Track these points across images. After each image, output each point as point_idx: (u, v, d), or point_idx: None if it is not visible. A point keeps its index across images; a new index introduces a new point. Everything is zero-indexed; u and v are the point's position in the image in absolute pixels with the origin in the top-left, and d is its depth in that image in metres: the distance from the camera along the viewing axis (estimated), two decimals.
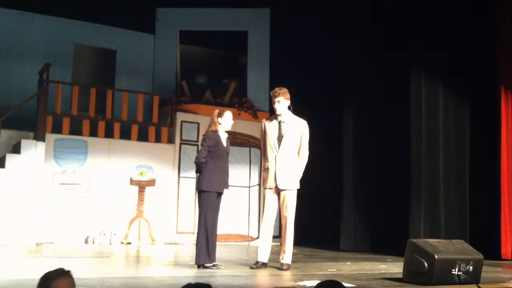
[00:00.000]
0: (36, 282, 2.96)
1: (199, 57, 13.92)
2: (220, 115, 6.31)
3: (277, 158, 6.23)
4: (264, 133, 6.39)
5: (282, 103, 6.29)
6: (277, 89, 6.39)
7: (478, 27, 8.67)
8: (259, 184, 11.56)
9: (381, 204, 9.54)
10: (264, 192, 6.39)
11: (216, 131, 6.26)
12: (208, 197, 6.14)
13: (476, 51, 8.69)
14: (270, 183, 6.24)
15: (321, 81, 11.60)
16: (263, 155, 6.46)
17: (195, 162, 6.24)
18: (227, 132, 6.40)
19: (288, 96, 6.34)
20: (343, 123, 10.13)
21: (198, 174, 6.28)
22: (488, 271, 6.08)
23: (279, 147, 6.24)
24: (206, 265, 6.07)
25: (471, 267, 4.97)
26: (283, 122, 6.30)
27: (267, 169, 6.29)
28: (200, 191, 6.20)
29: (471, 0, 8.73)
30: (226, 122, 6.31)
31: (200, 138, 7.25)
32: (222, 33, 13.02)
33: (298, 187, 6.29)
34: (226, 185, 6.30)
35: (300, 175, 6.32)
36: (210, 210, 6.13)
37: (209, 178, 6.14)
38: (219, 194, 6.25)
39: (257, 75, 12.68)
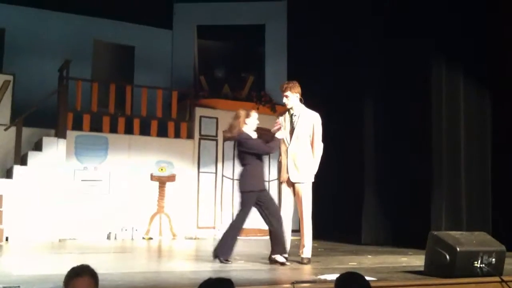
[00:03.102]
0: (60, 277, 3.01)
1: (217, 51, 13.94)
2: (248, 115, 6.19)
3: (288, 151, 6.21)
4: None
5: (290, 97, 6.26)
6: (284, 83, 6.35)
7: (495, 15, 8.55)
8: (278, 178, 11.57)
9: (402, 196, 9.46)
10: (280, 186, 6.39)
11: (243, 133, 6.16)
12: (249, 197, 6.06)
13: (496, 39, 8.57)
14: (284, 176, 6.24)
15: (340, 71, 11.50)
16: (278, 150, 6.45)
17: (268, 150, 6.20)
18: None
19: (297, 89, 6.28)
20: (363, 113, 10.07)
21: (243, 176, 6.15)
22: (511, 263, 6.02)
23: (290, 140, 6.23)
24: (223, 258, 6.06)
25: (493, 259, 4.93)
26: (295, 115, 6.28)
27: (281, 162, 6.29)
28: (242, 192, 6.10)
29: None
30: (252, 123, 6.21)
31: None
32: (239, 27, 13.02)
33: (312, 180, 6.24)
34: None
35: (315, 168, 6.27)
36: (248, 210, 6.07)
37: (258, 178, 6.10)
38: (261, 191, 6.18)
39: (275, 68, 12.67)
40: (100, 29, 12.39)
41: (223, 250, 6.07)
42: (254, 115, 6.25)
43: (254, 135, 6.23)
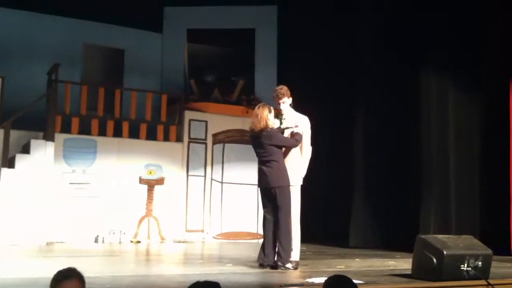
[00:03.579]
0: (48, 281, 3.00)
1: (207, 55, 13.93)
2: (270, 110, 6.09)
3: None
4: None
5: (287, 103, 6.29)
6: (278, 90, 6.29)
7: (485, 20, 8.63)
8: None
9: (391, 200, 9.52)
10: None
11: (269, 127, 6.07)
12: (289, 192, 6.00)
13: (486, 45, 8.65)
14: None
15: (330, 75, 11.55)
16: None
17: (295, 143, 6.09)
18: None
19: (289, 93, 6.30)
20: (353, 117, 10.12)
21: (271, 170, 6.03)
22: (498, 266, 6.06)
23: None
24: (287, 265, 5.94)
25: (480, 263, 4.96)
26: (284, 118, 6.30)
27: None
28: (278, 187, 5.97)
29: None
30: (272, 118, 6.14)
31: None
32: (229, 31, 13.03)
33: (301, 183, 6.24)
34: None
35: (303, 171, 6.29)
36: (290, 206, 6.01)
37: (285, 171, 6.02)
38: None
39: (265, 72, 12.70)
40: (90, 32, 12.35)
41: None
42: (273, 111, 6.19)
43: None
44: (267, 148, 6.02)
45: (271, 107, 6.16)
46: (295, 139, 6.12)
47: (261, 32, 13.06)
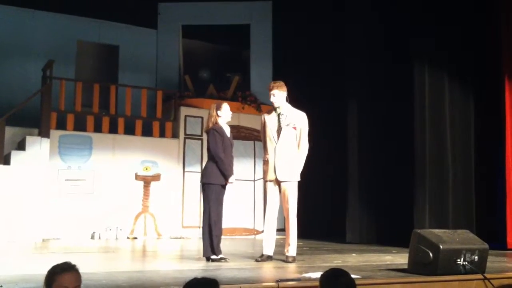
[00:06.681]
0: (44, 277, 2.98)
1: (202, 51, 13.92)
2: (218, 108, 6.36)
3: (276, 150, 6.23)
4: (263, 126, 6.40)
5: (277, 95, 6.30)
6: (271, 82, 6.43)
7: (480, 17, 8.64)
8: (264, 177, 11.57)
9: (387, 196, 9.53)
10: (265, 185, 6.40)
11: (217, 124, 6.29)
12: (212, 190, 6.19)
13: (480, 41, 8.65)
14: (270, 175, 6.25)
15: (325, 71, 11.55)
16: (263, 148, 6.47)
17: (218, 159, 6.21)
18: (231, 125, 6.48)
19: (284, 88, 6.33)
20: (347, 115, 10.11)
21: (204, 167, 6.42)
22: (494, 260, 6.08)
23: (278, 139, 6.25)
24: (212, 257, 6.12)
25: (476, 257, 4.96)
26: (282, 114, 6.31)
27: (267, 161, 6.30)
28: (204, 184, 6.27)
29: None
30: (225, 114, 6.37)
31: (204, 135, 7.37)
32: (224, 27, 13.01)
33: (299, 179, 6.28)
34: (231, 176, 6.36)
35: (300, 167, 6.31)
36: (214, 203, 6.18)
37: (212, 170, 6.19)
38: (223, 186, 6.28)
39: (260, 68, 12.68)
40: (84, 28, 12.32)
41: (206, 249, 6.20)
42: (224, 106, 6.40)
43: (227, 128, 6.38)
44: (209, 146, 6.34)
45: (221, 105, 6.41)
46: (224, 163, 6.24)
47: (256, 28, 13.03)
